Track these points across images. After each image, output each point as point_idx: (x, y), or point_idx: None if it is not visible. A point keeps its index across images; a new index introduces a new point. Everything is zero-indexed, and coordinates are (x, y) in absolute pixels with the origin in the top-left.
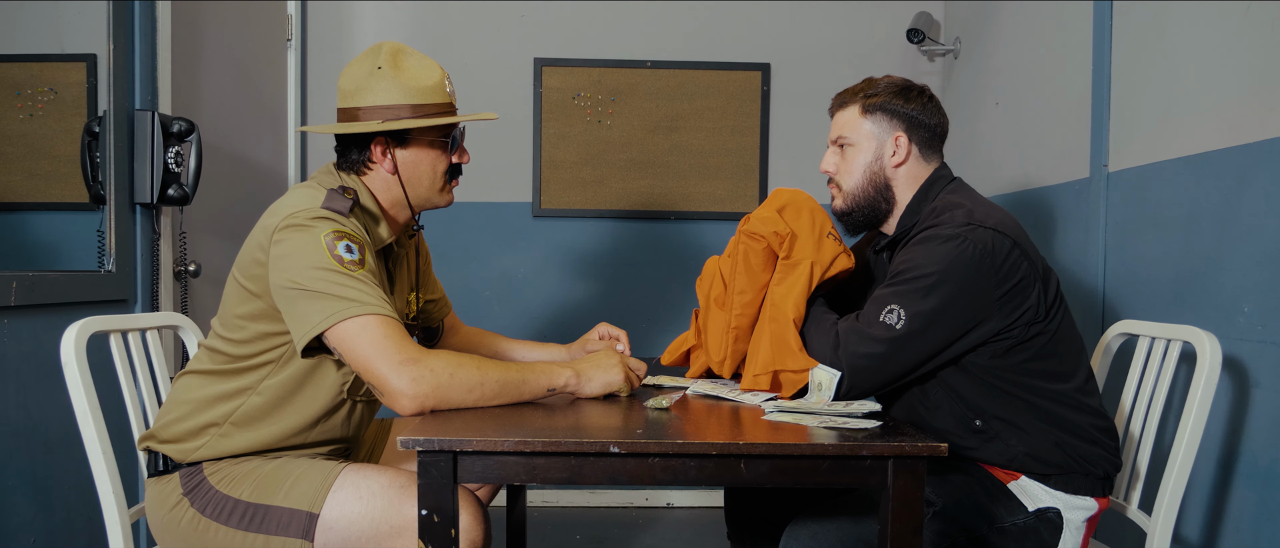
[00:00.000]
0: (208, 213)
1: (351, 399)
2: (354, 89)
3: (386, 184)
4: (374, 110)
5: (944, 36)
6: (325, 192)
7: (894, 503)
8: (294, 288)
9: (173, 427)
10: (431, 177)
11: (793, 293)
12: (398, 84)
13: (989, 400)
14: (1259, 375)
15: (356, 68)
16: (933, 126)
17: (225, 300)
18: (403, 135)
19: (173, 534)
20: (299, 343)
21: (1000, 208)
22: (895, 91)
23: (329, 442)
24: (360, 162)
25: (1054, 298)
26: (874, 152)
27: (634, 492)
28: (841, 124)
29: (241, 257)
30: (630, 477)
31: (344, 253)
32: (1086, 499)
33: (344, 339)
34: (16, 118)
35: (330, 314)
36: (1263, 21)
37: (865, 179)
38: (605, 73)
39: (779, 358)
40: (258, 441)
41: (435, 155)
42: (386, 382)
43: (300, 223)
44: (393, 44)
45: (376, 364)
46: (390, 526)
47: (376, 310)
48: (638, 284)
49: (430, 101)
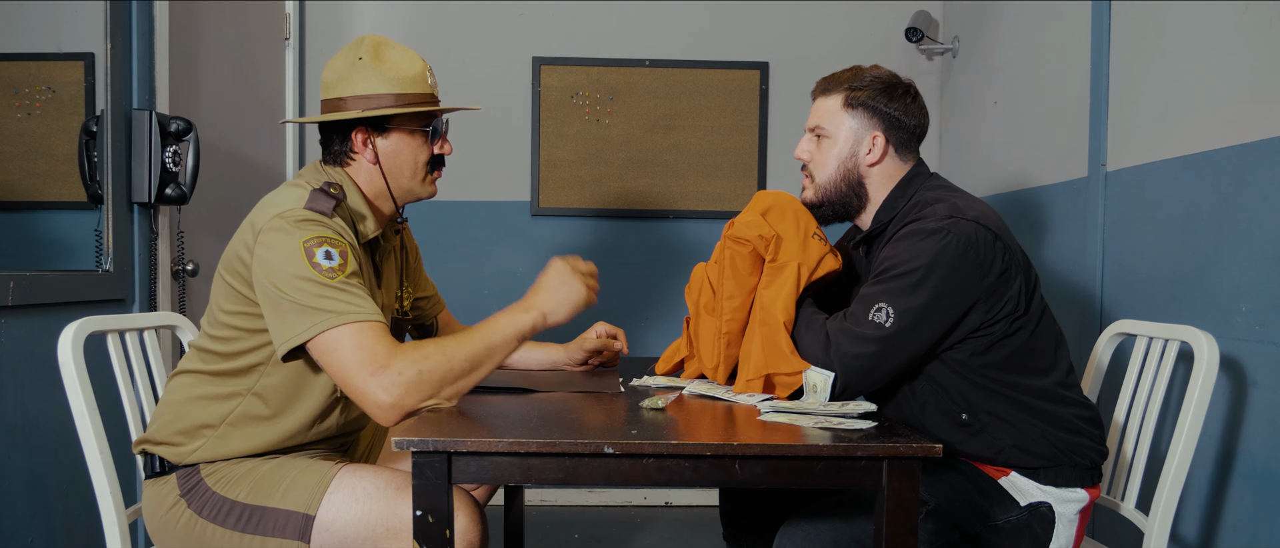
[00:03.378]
0: (206, 212)
1: (346, 398)
2: (336, 80)
3: (370, 175)
4: (355, 100)
5: (942, 35)
6: (309, 191)
7: (889, 504)
8: (276, 293)
9: (168, 429)
10: (412, 166)
11: (781, 295)
12: (378, 74)
13: (975, 396)
14: (1256, 375)
15: (339, 60)
16: (912, 128)
17: (213, 298)
18: (383, 125)
19: (170, 536)
20: (280, 350)
21: (980, 201)
22: (880, 88)
23: (325, 440)
24: (343, 152)
25: (1033, 290)
26: (850, 148)
27: (631, 491)
28: (821, 113)
29: (227, 254)
30: (625, 477)
31: (322, 260)
32: (1077, 491)
33: (322, 353)
34: (14, 117)
35: (308, 326)
36: (1261, 21)
37: (838, 174)
38: (604, 71)
39: (771, 362)
40: (255, 444)
41: (417, 145)
42: (362, 397)
43: (281, 227)
44: (375, 37)
45: (350, 379)
46: (386, 527)
47: (352, 318)
48: (636, 283)
49: (411, 91)
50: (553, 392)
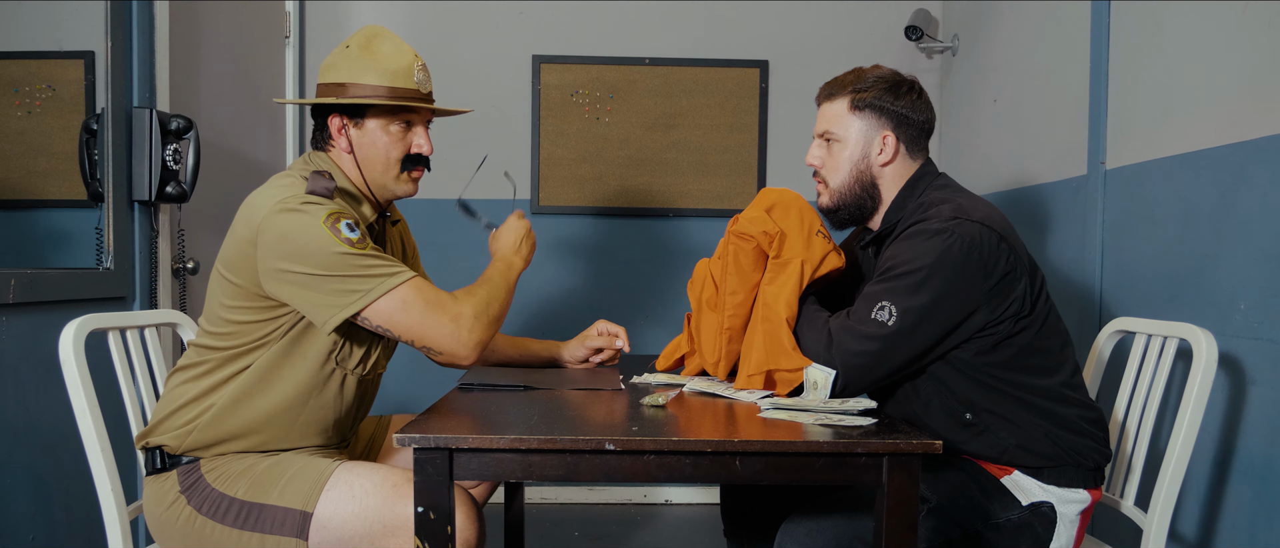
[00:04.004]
0: (206, 210)
1: (342, 369)
2: (327, 66)
3: (348, 165)
4: (338, 87)
5: (942, 33)
6: (304, 177)
7: (889, 500)
8: (305, 273)
9: (167, 420)
10: (385, 160)
11: (784, 292)
12: (362, 63)
13: (978, 395)
14: (1255, 373)
15: (336, 49)
16: (920, 123)
17: (210, 298)
18: (359, 114)
19: (170, 532)
20: (328, 326)
21: (987, 202)
22: (886, 88)
23: (323, 423)
24: (323, 139)
25: (1039, 291)
26: (861, 149)
27: (632, 489)
28: (829, 118)
29: (225, 250)
30: (626, 474)
31: (347, 232)
32: (1079, 491)
33: (385, 315)
34: (15, 115)
35: (364, 293)
36: (1260, 19)
37: (851, 177)
38: (604, 70)
39: (773, 358)
40: (250, 419)
41: (390, 139)
42: (443, 342)
43: (293, 208)
44: (374, 27)
45: (428, 331)
46: (383, 524)
47: (401, 278)
48: (636, 281)
49: (394, 84)
50: (554, 389)
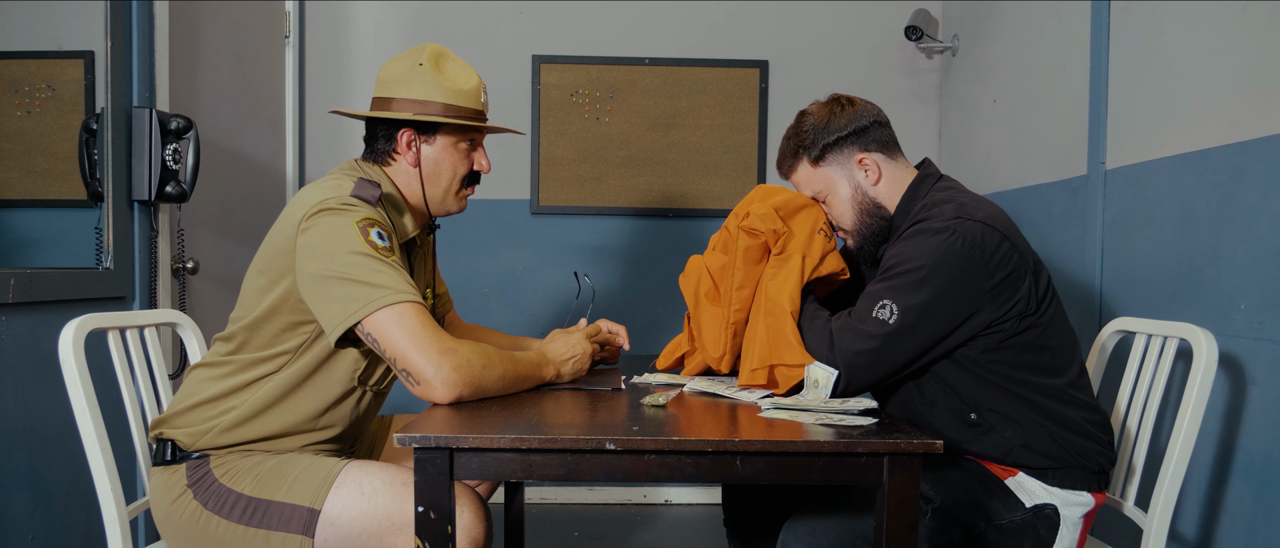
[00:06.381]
0: (206, 210)
1: (362, 388)
2: (393, 80)
3: (408, 179)
4: (408, 102)
5: (942, 34)
6: (353, 181)
7: (889, 500)
8: (325, 275)
9: (185, 414)
10: (450, 177)
11: (787, 286)
12: (435, 82)
13: (983, 394)
14: (1255, 373)
15: (399, 62)
16: (873, 124)
17: (243, 299)
18: (431, 131)
19: (176, 526)
20: (333, 333)
21: (990, 202)
22: (824, 126)
23: (334, 431)
24: (386, 151)
25: (1045, 291)
26: (850, 187)
27: (632, 489)
28: (805, 183)
29: (263, 250)
30: (626, 473)
31: (376, 239)
32: (1083, 494)
33: (379, 327)
34: (14, 115)
35: (366, 302)
36: (1259, 19)
37: (858, 213)
38: (604, 70)
39: (776, 352)
40: (268, 427)
41: (458, 157)
42: (423, 371)
43: (332, 208)
44: (437, 47)
45: (413, 354)
46: (391, 522)
47: (410, 298)
48: (636, 281)
49: (464, 105)
50: (554, 389)
